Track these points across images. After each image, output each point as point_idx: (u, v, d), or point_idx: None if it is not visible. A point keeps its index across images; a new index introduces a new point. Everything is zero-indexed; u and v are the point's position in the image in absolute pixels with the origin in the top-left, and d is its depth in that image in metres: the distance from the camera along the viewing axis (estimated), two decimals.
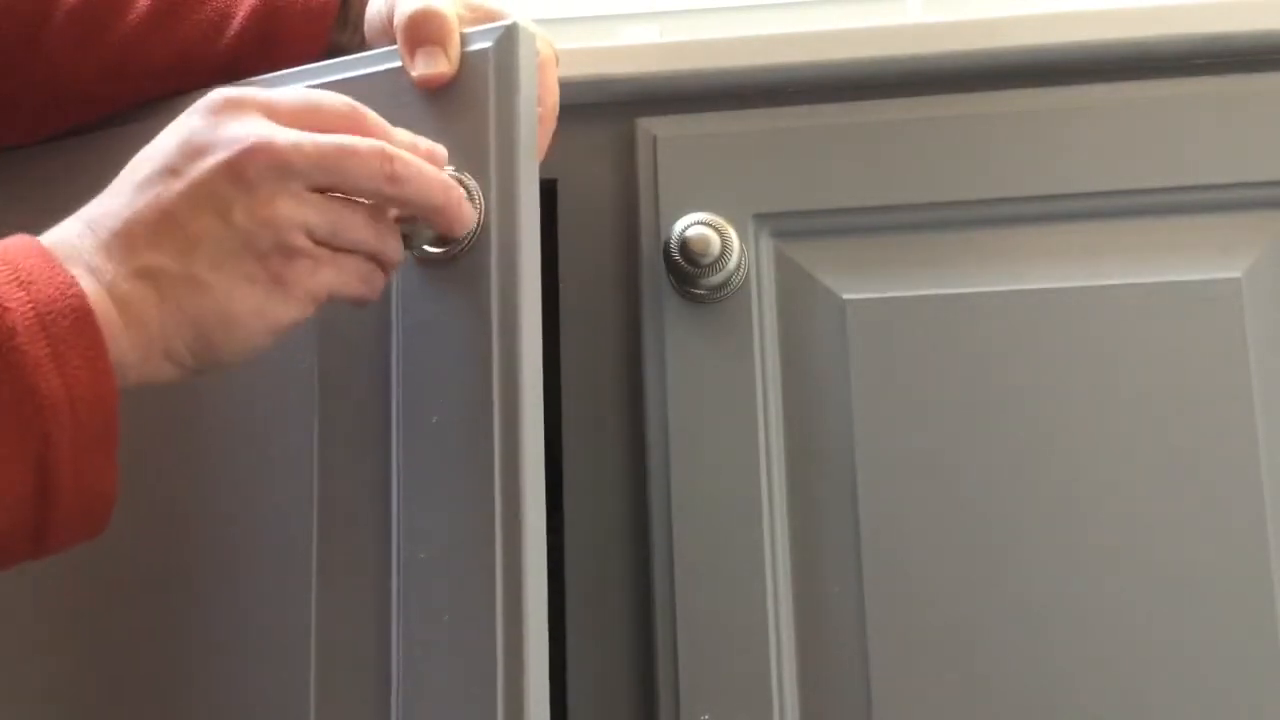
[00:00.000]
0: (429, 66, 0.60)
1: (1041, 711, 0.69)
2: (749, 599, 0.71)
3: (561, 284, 0.77)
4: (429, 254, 0.59)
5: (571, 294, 0.77)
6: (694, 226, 0.72)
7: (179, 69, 0.69)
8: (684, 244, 0.72)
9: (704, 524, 0.72)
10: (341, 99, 0.54)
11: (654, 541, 0.72)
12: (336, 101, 0.54)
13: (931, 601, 0.71)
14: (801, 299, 0.75)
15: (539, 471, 0.58)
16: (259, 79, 0.67)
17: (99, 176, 0.53)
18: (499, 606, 0.56)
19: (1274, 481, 0.69)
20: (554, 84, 0.65)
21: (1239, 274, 0.72)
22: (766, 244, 0.75)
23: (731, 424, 0.73)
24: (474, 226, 0.58)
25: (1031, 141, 0.74)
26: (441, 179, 0.55)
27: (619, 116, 0.78)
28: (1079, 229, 0.74)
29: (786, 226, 0.75)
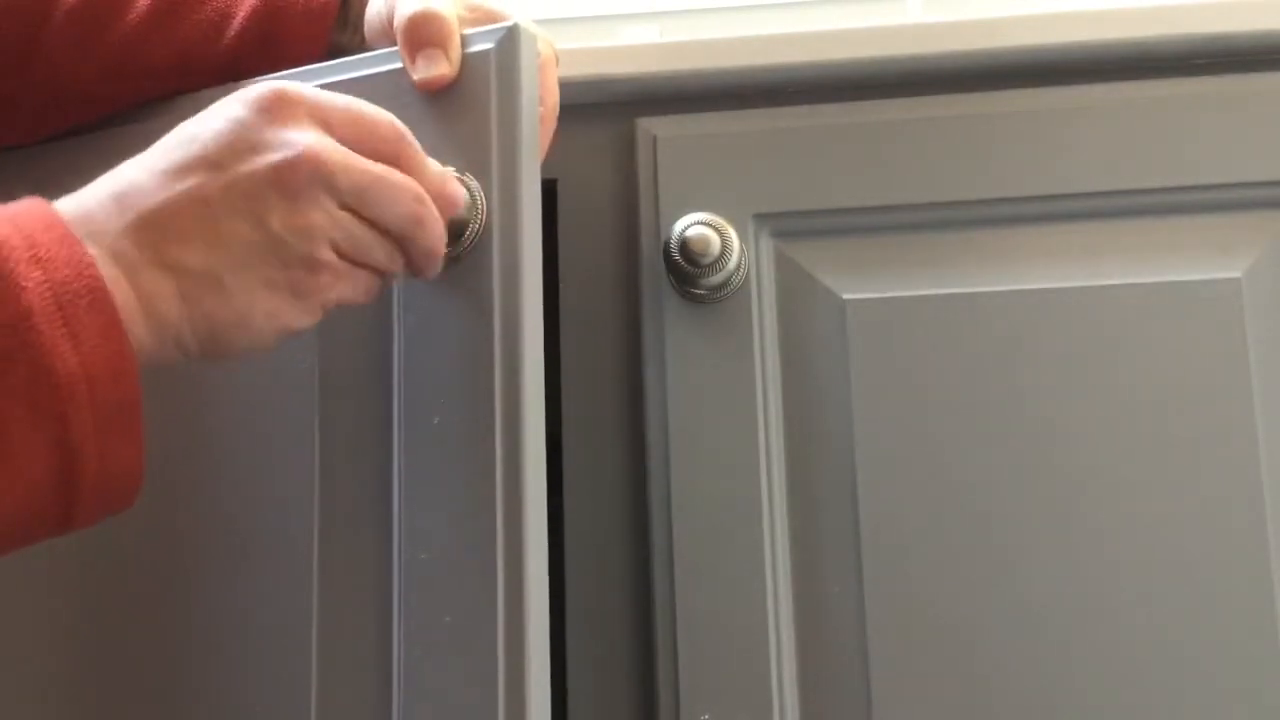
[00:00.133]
0: (430, 69, 0.60)
1: (1041, 711, 0.69)
2: (749, 599, 0.71)
3: (561, 284, 0.77)
4: None
5: (571, 294, 0.77)
6: (694, 226, 0.72)
7: (179, 69, 0.69)
8: (684, 244, 0.72)
9: (704, 524, 0.72)
10: (389, 118, 0.55)
11: (654, 541, 0.72)
12: (385, 121, 0.54)
13: (931, 601, 0.71)
14: (801, 299, 0.75)
15: (540, 472, 0.58)
16: (260, 80, 0.67)
17: (99, 176, 0.52)
18: (500, 607, 0.56)
19: (1274, 481, 0.69)
20: (554, 84, 0.66)
21: (1239, 274, 0.72)
22: (766, 244, 0.75)
23: (731, 424, 0.73)
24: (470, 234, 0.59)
25: (1031, 141, 0.74)
26: (441, 231, 0.56)
27: (619, 116, 0.78)
28: (1079, 229, 0.74)
29: (786, 226, 0.75)
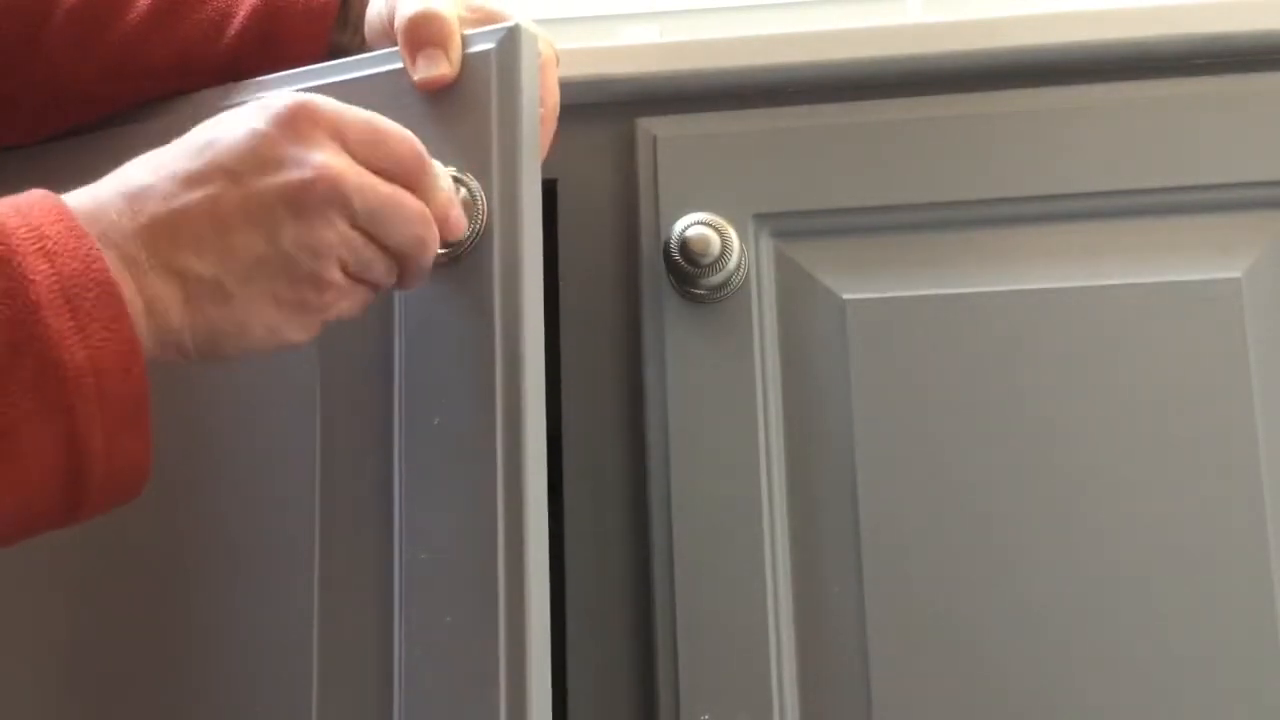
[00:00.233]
0: (430, 69, 0.60)
1: (1041, 711, 0.69)
2: (749, 599, 0.71)
3: (561, 284, 0.77)
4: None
5: (571, 294, 0.77)
6: (694, 226, 0.72)
7: (179, 69, 0.69)
8: (684, 244, 0.72)
9: (704, 524, 0.72)
10: (408, 137, 0.55)
11: (654, 541, 0.72)
12: (403, 141, 0.54)
13: (931, 601, 0.71)
14: (801, 299, 0.75)
15: (541, 472, 0.58)
16: (260, 80, 0.67)
17: (99, 176, 0.52)
18: (501, 607, 0.56)
19: (1274, 481, 0.69)
20: (555, 84, 0.66)
21: (1239, 274, 0.72)
22: (766, 244, 0.75)
23: (731, 424, 0.73)
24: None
25: (1031, 141, 0.74)
26: (437, 251, 0.57)
27: (619, 116, 0.78)
28: (1079, 229, 0.74)
29: (786, 226, 0.75)
